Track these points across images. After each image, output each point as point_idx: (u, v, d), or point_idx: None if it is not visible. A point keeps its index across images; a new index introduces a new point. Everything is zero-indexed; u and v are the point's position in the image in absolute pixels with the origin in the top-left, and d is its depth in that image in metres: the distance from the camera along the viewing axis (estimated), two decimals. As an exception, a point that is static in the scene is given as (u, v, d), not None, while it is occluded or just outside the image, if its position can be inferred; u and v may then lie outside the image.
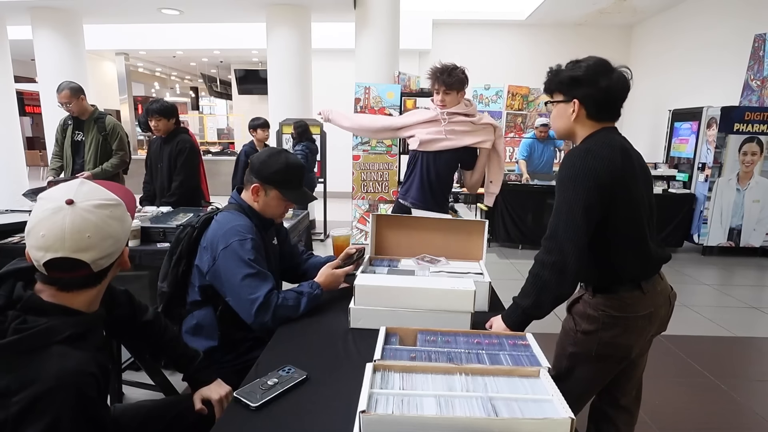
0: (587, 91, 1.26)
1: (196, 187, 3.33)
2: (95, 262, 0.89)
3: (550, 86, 1.35)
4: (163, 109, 3.12)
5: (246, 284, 1.41)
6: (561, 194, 1.25)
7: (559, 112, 1.34)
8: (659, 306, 1.36)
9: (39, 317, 0.85)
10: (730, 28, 5.98)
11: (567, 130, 1.35)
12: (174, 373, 1.38)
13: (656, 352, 2.92)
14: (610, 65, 1.28)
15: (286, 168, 1.57)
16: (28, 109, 13.91)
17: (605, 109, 1.29)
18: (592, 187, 1.21)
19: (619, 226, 1.26)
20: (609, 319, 1.30)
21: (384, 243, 1.92)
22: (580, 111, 1.29)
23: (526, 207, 5.25)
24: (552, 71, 1.34)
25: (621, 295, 1.30)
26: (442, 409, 0.83)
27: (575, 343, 1.35)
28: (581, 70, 1.27)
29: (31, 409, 0.77)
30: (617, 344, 1.32)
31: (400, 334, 1.16)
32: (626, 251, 1.28)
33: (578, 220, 1.21)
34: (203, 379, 1.27)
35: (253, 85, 10.62)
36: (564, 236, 1.23)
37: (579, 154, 1.26)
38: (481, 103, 7.53)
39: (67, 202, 0.86)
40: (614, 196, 1.23)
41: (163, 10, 6.11)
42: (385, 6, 5.44)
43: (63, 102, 3.30)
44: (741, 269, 4.87)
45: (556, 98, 1.34)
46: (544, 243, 1.27)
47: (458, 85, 2.32)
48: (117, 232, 0.92)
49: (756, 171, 5.06)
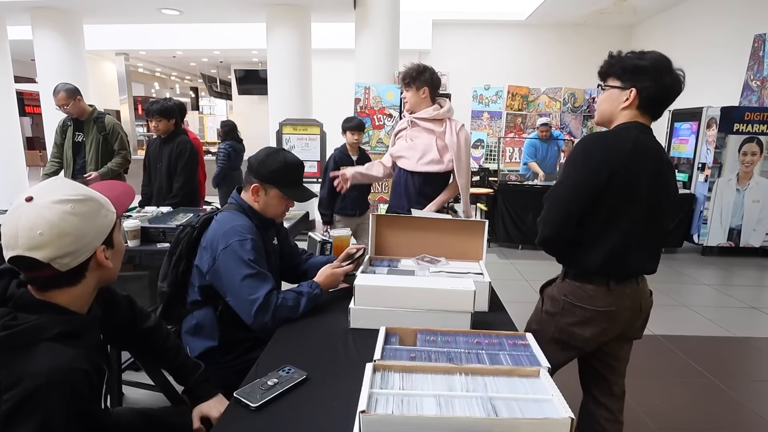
0: (648, 84, 1.27)
1: (196, 188, 3.35)
2: (55, 261, 0.85)
3: (609, 70, 1.35)
4: (163, 110, 3.13)
5: (246, 284, 1.41)
6: (565, 171, 1.34)
7: (610, 97, 1.35)
8: (624, 308, 1.37)
9: (30, 314, 0.85)
10: (730, 28, 5.99)
11: (610, 116, 1.36)
12: (174, 373, 1.38)
13: (656, 352, 2.94)
14: (672, 64, 1.29)
15: (285, 166, 1.56)
16: (28, 109, 13.91)
17: (656, 105, 1.31)
18: (588, 169, 1.28)
19: (598, 216, 1.30)
20: (568, 306, 1.38)
21: (384, 243, 1.92)
22: (634, 101, 1.30)
23: (526, 207, 5.25)
24: (614, 56, 1.35)
25: (586, 286, 1.36)
26: (442, 409, 0.83)
27: (539, 321, 1.47)
28: (647, 61, 1.27)
29: (23, 405, 0.77)
30: (572, 332, 1.39)
31: (400, 334, 1.16)
32: (599, 243, 1.31)
33: (571, 202, 1.30)
34: (203, 394, 1.21)
35: (253, 86, 10.64)
36: (549, 215, 1.34)
37: (590, 138, 1.32)
38: (481, 103, 7.54)
39: (27, 199, 0.84)
40: (606, 185, 1.27)
41: (163, 10, 6.11)
42: (385, 6, 5.44)
43: (60, 104, 3.30)
44: (741, 269, 4.87)
45: (612, 83, 1.34)
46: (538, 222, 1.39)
47: (409, 78, 2.33)
48: (78, 229, 0.86)
49: (756, 171, 5.06)
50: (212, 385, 1.24)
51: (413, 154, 2.40)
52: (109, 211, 0.94)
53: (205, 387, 1.23)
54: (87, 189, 0.93)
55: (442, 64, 7.98)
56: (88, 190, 0.93)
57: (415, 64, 2.38)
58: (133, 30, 8.84)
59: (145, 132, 11.92)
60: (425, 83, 2.34)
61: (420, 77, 2.33)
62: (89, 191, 0.93)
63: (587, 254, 1.33)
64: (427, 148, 2.38)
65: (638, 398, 2.33)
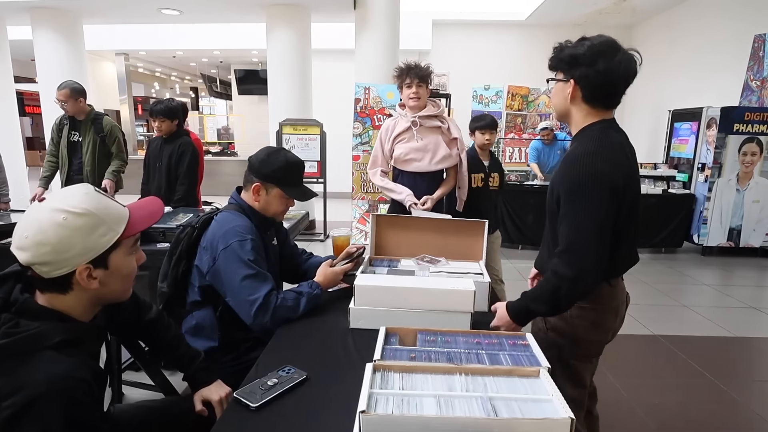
0: (584, 72, 1.20)
1: (196, 190, 3.36)
2: (35, 266, 0.84)
3: (552, 63, 1.29)
4: (167, 111, 3.13)
5: (245, 285, 1.41)
6: (575, 202, 1.18)
7: (556, 91, 1.30)
8: (623, 302, 1.37)
9: (32, 321, 0.85)
10: (730, 28, 5.98)
11: (563, 111, 1.30)
12: (174, 373, 1.38)
13: (656, 352, 2.94)
14: (617, 46, 1.19)
15: (287, 165, 1.57)
16: (28, 110, 13.92)
17: (601, 94, 1.22)
18: (607, 193, 1.15)
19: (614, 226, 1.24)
20: (576, 311, 1.29)
21: (384, 243, 1.92)
22: (576, 92, 1.23)
23: (526, 207, 5.25)
24: (556, 47, 1.27)
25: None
26: (442, 409, 0.83)
27: (548, 345, 1.27)
28: (582, 48, 1.20)
29: (23, 414, 0.76)
30: (588, 341, 1.32)
31: (400, 334, 1.16)
32: (614, 250, 1.26)
33: (602, 231, 1.16)
34: (204, 380, 1.26)
35: (253, 86, 10.62)
36: (586, 249, 1.16)
37: (586, 158, 1.18)
38: (481, 103, 7.53)
39: (40, 199, 0.87)
40: (624, 199, 1.19)
41: (163, 10, 6.11)
42: (385, 6, 5.43)
43: (60, 100, 3.29)
44: (741, 269, 4.87)
45: (558, 76, 1.29)
46: (562, 256, 1.20)
47: (429, 77, 2.38)
48: (60, 242, 0.83)
49: (756, 171, 5.06)
50: (212, 371, 1.29)
51: (425, 155, 2.43)
52: (110, 230, 0.89)
53: (206, 373, 1.28)
54: (98, 204, 0.88)
55: (442, 64, 7.98)
56: (99, 205, 0.88)
57: (417, 62, 2.39)
58: (133, 30, 8.83)
59: (145, 132, 11.93)
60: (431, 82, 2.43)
61: (431, 76, 2.40)
62: (98, 207, 0.88)
63: None
64: (437, 146, 2.44)
65: (638, 398, 2.33)
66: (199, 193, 3.47)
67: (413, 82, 2.36)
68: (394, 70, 2.44)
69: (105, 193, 0.94)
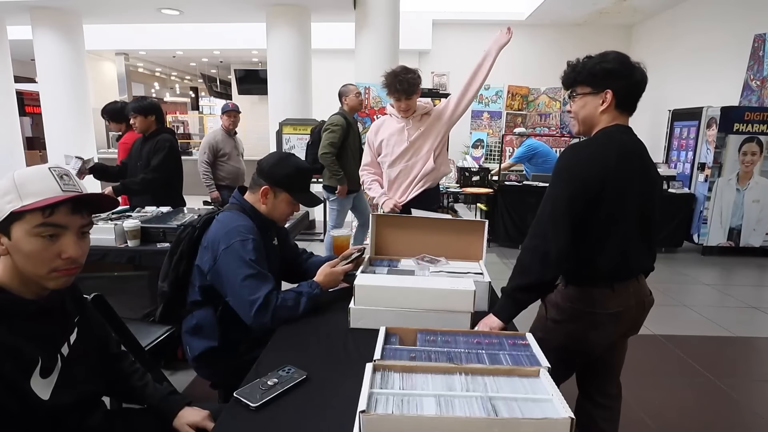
0: (621, 83, 1.30)
1: (173, 187, 3.17)
2: None
3: (577, 78, 1.36)
4: (139, 107, 3.04)
5: (246, 285, 1.41)
6: (551, 185, 1.32)
7: (586, 103, 1.36)
8: (630, 307, 1.37)
9: None
10: (730, 28, 5.98)
11: (592, 121, 1.37)
12: (174, 373, 1.38)
13: (656, 352, 2.94)
14: (631, 60, 1.32)
15: (297, 171, 1.60)
16: (27, 109, 13.86)
17: (632, 101, 1.34)
18: (577, 180, 1.26)
19: (597, 224, 1.29)
20: (576, 312, 1.35)
21: (384, 243, 1.92)
22: (612, 102, 1.31)
23: (526, 207, 5.24)
24: (576, 64, 1.36)
25: (591, 290, 1.34)
26: (442, 409, 0.83)
27: (545, 329, 1.41)
28: (613, 63, 1.30)
29: None
30: (581, 338, 1.37)
31: (400, 334, 1.16)
32: (601, 250, 1.31)
33: (562, 209, 1.26)
34: (178, 404, 1.19)
35: (253, 85, 10.62)
36: (547, 223, 1.28)
37: (575, 148, 1.32)
38: (481, 103, 7.54)
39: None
40: (600, 194, 1.26)
41: (163, 10, 6.11)
42: (384, 6, 5.43)
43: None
44: (741, 269, 4.87)
45: (582, 90, 1.35)
46: (529, 230, 1.33)
47: (415, 88, 2.41)
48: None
49: (756, 171, 5.06)
50: (181, 395, 1.23)
51: (426, 155, 2.51)
52: (16, 199, 0.87)
53: (176, 397, 1.21)
54: (28, 175, 0.90)
55: (442, 64, 8.00)
56: (26, 176, 0.90)
57: (403, 71, 2.40)
58: (133, 30, 8.84)
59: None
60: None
61: (420, 84, 2.45)
62: (22, 176, 0.89)
63: (591, 262, 1.32)
64: (434, 141, 2.52)
65: (638, 398, 2.33)
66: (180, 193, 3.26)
67: (402, 98, 2.42)
68: (382, 77, 2.44)
69: (69, 175, 0.93)
